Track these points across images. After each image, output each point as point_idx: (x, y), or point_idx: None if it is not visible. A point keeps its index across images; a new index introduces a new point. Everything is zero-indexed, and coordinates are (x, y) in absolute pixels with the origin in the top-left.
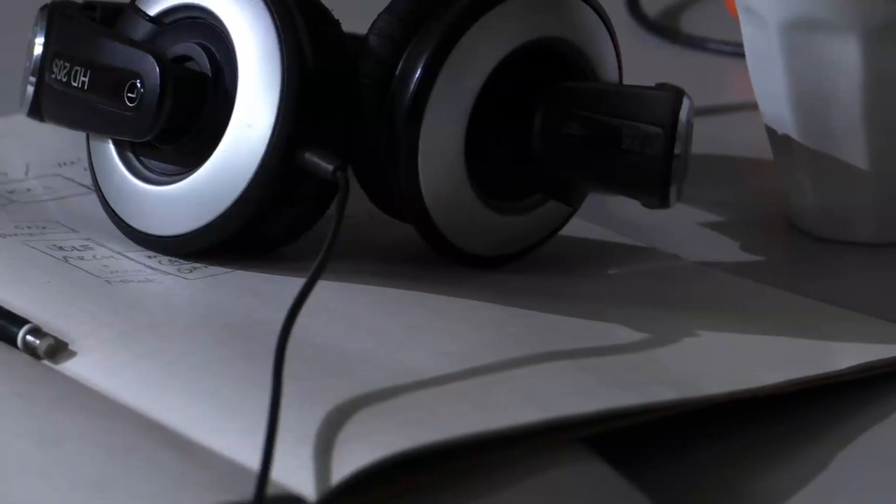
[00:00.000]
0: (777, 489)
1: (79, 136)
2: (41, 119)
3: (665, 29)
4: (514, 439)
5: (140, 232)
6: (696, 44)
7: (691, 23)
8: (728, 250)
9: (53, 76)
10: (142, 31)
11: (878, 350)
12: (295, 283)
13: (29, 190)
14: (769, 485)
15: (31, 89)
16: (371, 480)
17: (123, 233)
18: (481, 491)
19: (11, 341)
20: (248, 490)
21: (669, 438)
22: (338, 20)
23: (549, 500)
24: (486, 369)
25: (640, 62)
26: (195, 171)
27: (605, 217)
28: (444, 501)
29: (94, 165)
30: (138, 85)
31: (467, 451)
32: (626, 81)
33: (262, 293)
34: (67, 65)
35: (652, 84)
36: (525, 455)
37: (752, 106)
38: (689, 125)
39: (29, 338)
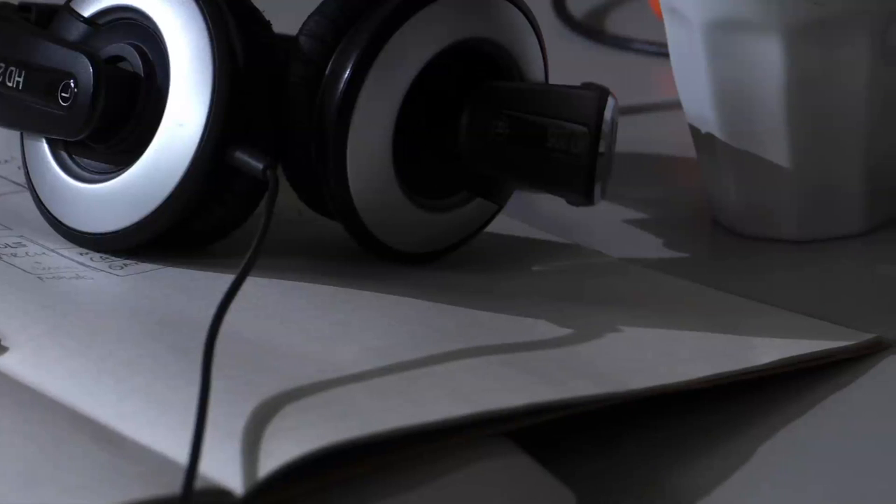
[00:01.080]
0: (699, 482)
1: (13, 136)
2: None
3: (591, 29)
4: (439, 433)
5: (73, 229)
6: (621, 44)
7: (616, 23)
8: (651, 247)
9: None
10: (76, 32)
11: (800, 345)
12: (224, 280)
13: None
14: (691, 478)
15: None
16: (298, 474)
17: (56, 230)
18: (407, 484)
19: None
20: (177, 484)
21: (593, 433)
22: (269, 21)
23: (473, 494)
24: (411, 364)
25: (566, 62)
26: (127, 169)
27: (530, 214)
28: (370, 494)
29: (28, 164)
30: (72, 85)
31: (393, 444)
32: (552, 81)
33: (192, 289)
34: (2, 65)
35: (578, 83)
36: (450, 449)
37: (676, 105)
38: (614, 124)
39: None
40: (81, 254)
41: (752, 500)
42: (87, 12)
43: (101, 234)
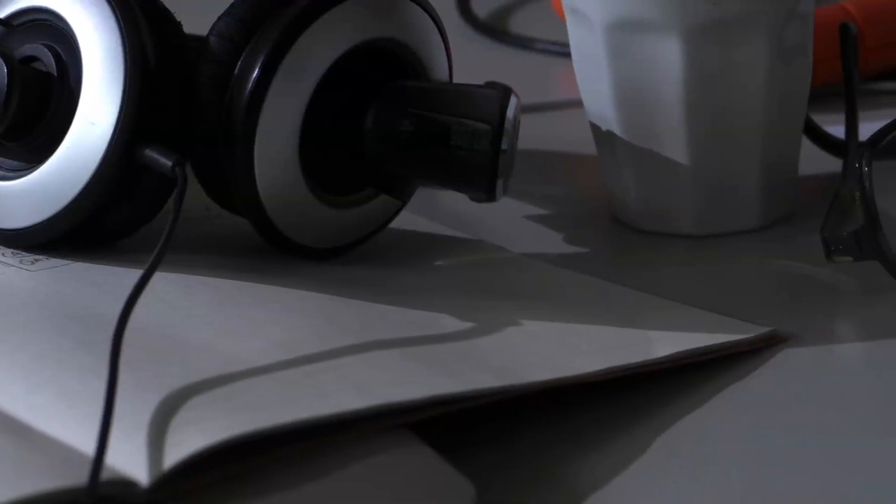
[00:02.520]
0: (596, 474)
1: None
2: None
3: (494, 30)
4: (340, 425)
5: None
6: (523, 44)
7: (520, 24)
8: (552, 242)
9: None
10: None
11: (697, 338)
12: (133, 275)
13: None
14: (589, 470)
15: None
16: (202, 465)
17: None
18: (310, 475)
19: None
20: (84, 475)
21: (493, 425)
22: (179, 22)
23: (374, 485)
24: (315, 357)
25: (470, 62)
26: (40, 166)
27: (433, 210)
28: (273, 486)
29: None
30: None
31: (296, 436)
32: (456, 80)
33: (102, 284)
34: None
35: (481, 83)
36: (352, 441)
37: (577, 103)
38: (516, 122)
39: None
40: None
41: (648, 491)
42: (1, 14)
43: (12, 229)
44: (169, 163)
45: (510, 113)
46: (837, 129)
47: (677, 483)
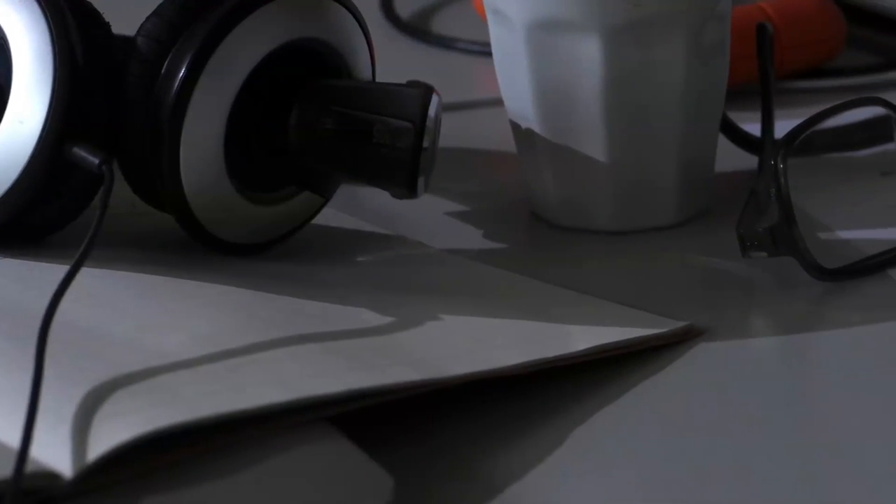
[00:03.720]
0: (513, 467)
1: None
2: None
3: (417, 30)
4: (262, 418)
5: None
6: (446, 43)
7: (442, 24)
8: (472, 238)
9: None
10: None
11: (613, 333)
12: (59, 270)
13: None
14: (506, 462)
15: None
16: (126, 458)
17: None
18: (231, 467)
19: None
20: (8, 468)
21: (412, 418)
22: (108, 23)
23: (295, 477)
24: (237, 352)
25: (393, 61)
26: None
27: (355, 207)
28: (195, 478)
29: None
30: None
31: (218, 429)
32: (379, 79)
33: (28, 279)
34: None
35: (404, 81)
36: (273, 434)
37: (498, 102)
38: (438, 120)
39: None
40: None
41: (564, 483)
42: None
43: None
44: (96, 160)
45: (432, 111)
46: (754, 127)
47: (593, 476)
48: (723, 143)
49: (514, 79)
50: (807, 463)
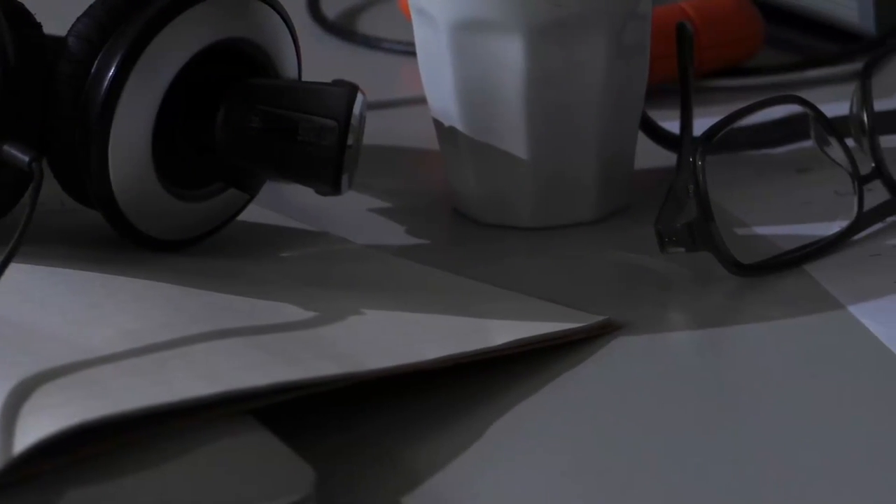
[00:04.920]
0: (434, 458)
1: None
2: None
3: (343, 30)
4: (186, 412)
5: None
6: (371, 43)
7: (367, 24)
8: (395, 234)
9: None
10: None
11: (534, 327)
12: None
13: None
14: (427, 454)
15: None
16: (52, 450)
17: None
18: (154, 459)
19: None
20: None
21: (334, 410)
22: (40, 23)
23: (218, 469)
24: (163, 346)
25: (319, 61)
26: None
27: (280, 203)
28: (119, 470)
29: None
30: None
31: (144, 422)
32: (305, 79)
33: None
34: None
35: (329, 81)
36: (197, 426)
37: (422, 101)
38: (362, 118)
39: None
40: None
41: (484, 474)
42: None
43: None
44: (26, 158)
45: (356, 110)
46: (673, 125)
47: (513, 466)
48: (642, 140)
49: (437, 78)
50: (722, 454)
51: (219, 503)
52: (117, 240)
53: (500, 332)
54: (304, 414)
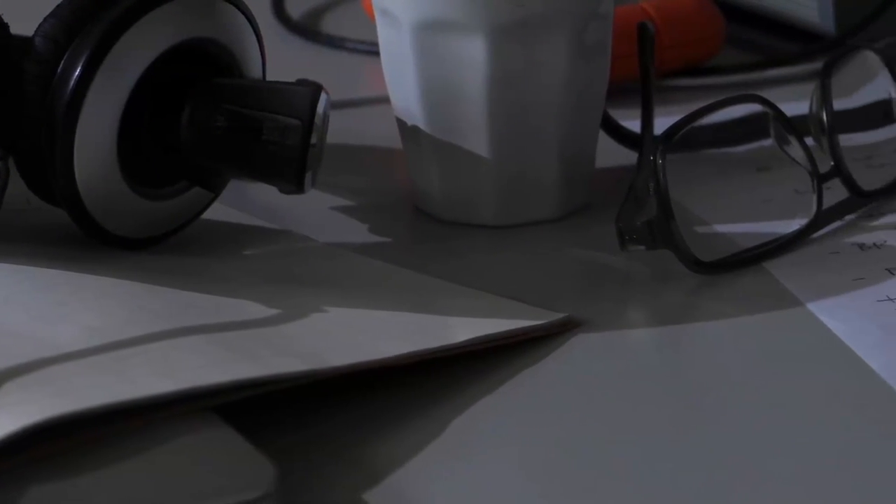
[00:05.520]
0: (395, 454)
1: None
2: None
3: (307, 30)
4: (148, 409)
5: None
6: (335, 43)
7: (331, 24)
8: (358, 232)
9: None
10: None
11: (494, 324)
12: None
13: None
14: (388, 450)
15: None
16: (13, 448)
17: None
18: (116, 456)
19: None
20: None
21: (296, 408)
22: (7, 24)
23: (180, 465)
24: (126, 343)
25: (284, 61)
26: None
27: (244, 202)
28: (82, 466)
29: None
30: None
31: (106, 419)
32: (270, 78)
33: None
34: None
35: (293, 80)
36: (159, 423)
37: (385, 100)
38: (326, 117)
39: None
40: None
41: (444, 471)
42: None
43: None
44: None
45: (320, 109)
46: (634, 124)
47: (472, 463)
48: (603, 139)
49: (400, 77)
50: (681, 450)
51: (180, 499)
52: (82, 238)
53: (461, 329)
54: (266, 411)
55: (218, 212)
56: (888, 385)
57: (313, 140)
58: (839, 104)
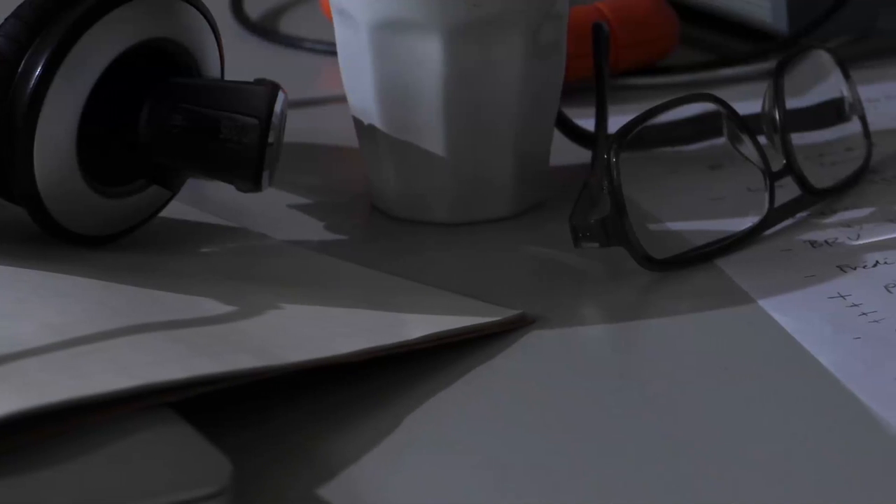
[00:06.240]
0: (348, 450)
1: None
2: None
3: (265, 30)
4: (105, 405)
5: None
6: (293, 43)
7: (289, 24)
8: (314, 230)
9: None
10: None
11: (448, 321)
12: None
13: None
14: (341, 446)
15: None
16: None
17: None
18: (73, 452)
19: None
20: None
21: (251, 404)
22: None
23: (136, 460)
24: (84, 340)
25: (242, 60)
26: None
27: (201, 200)
28: (37, 462)
29: None
30: None
31: (63, 415)
32: (228, 78)
33: None
34: None
35: (251, 80)
36: (116, 419)
37: (342, 99)
38: (283, 116)
39: None
40: None
41: (397, 467)
42: None
43: None
44: None
45: (277, 108)
46: (588, 123)
47: (426, 459)
48: (558, 137)
49: (358, 77)
50: (635, 445)
51: (136, 494)
52: (41, 235)
53: (416, 325)
54: (222, 407)
55: (176, 210)
56: (838, 380)
57: (271, 139)
58: (791, 103)
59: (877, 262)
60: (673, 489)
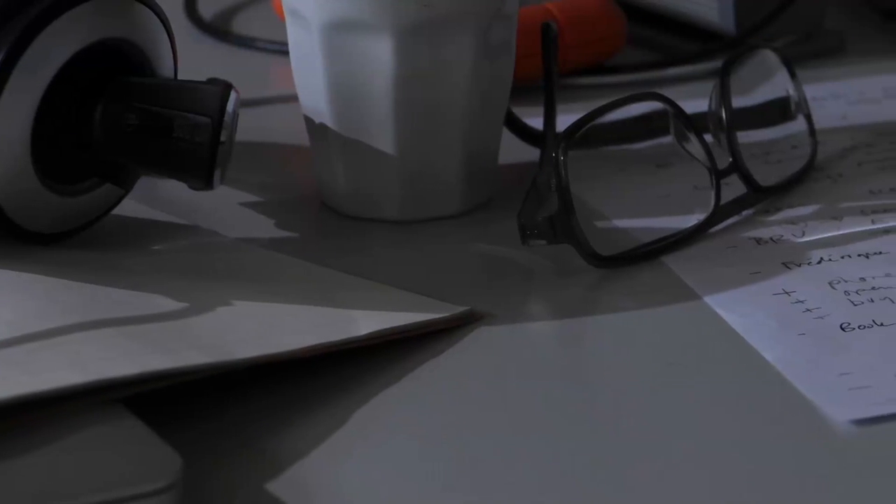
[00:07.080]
0: (298, 445)
1: None
2: None
3: (218, 30)
4: (55, 400)
5: None
6: (245, 43)
7: (242, 24)
8: (265, 227)
9: None
10: None
11: (396, 317)
12: None
13: None
14: (291, 442)
15: None
16: None
17: None
18: (22, 447)
19: None
20: None
21: (201, 399)
22: None
23: (86, 455)
24: (36, 336)
25: (195, 60)
26: None
27: (153, 198)
28: None
29: None
30: None
31: (12, 411)
32: (181, 77)
33: None
34: None
35: (204, 79)
36: (66, 414)
37: (293, 98)
38: (235, 115)
39: None
40: None
41: (347, 461)
42: None
43: None
44: None
45: (230, 107)
46: (537, 122)
47: (374, 454)
48: (507, 136)
49: (309, 76)
50: (582, 441)
51: (86, 489)
52: None
53: (365, 322)
54: (172, 402)
55: (128, 207)
56: (782, 376)
57: (223, 137)
58: (738, 102)
59: (821, 259)
60: (618, 485)
